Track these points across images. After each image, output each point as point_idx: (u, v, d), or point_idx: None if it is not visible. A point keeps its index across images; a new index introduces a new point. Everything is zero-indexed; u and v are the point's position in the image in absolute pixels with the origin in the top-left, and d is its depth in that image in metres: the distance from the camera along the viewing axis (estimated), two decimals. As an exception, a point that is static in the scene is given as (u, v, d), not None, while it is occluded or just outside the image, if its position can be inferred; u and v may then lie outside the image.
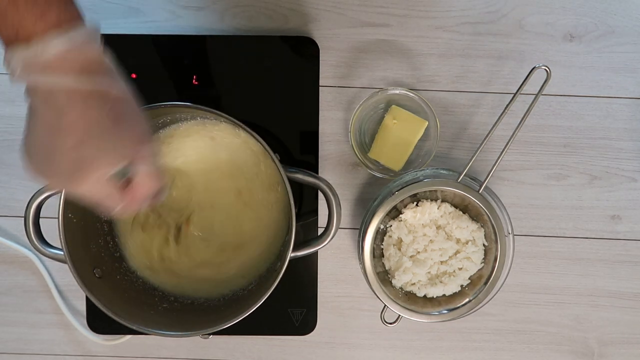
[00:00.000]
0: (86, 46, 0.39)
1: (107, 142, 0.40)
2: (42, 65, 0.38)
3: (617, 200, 0.70)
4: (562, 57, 0.69)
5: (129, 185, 0.45)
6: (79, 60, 0.38)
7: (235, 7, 0.69)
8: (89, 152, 0.40)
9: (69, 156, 0.40)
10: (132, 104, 0.43)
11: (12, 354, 0.72)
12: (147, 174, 0.45)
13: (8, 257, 0.71)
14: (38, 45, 0.37)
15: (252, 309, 0.56)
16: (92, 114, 0.39)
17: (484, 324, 0.71)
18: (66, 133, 0.39)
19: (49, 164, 0.41)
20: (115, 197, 0.44)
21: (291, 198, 0.56)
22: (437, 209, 0.63)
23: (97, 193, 0.43)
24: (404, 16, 0.69)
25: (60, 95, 0.38)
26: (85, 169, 0.41)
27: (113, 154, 0.41)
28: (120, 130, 0.41)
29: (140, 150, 0.43)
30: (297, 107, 0.68)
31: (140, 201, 0.46)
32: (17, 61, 0.38)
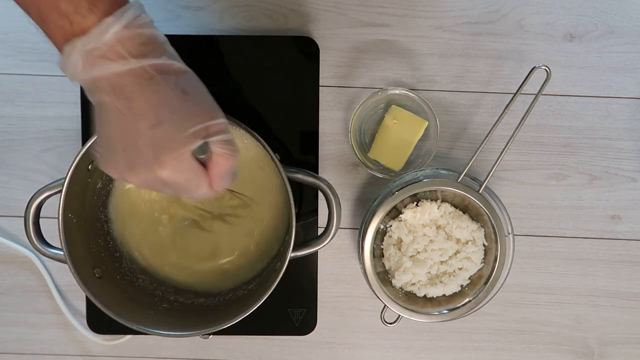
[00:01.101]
0: (140, 25, 0.39)
1: (181, 119, 0.40)
2: (101, 54, 0.38)
3: (617, 200, 0.70)
4: (562, 57, 0.69)
5: (210, 161, 0.43)
6: (135, 43, 0.39)
7: (235, 7, 0.69)
8: (166, 131, 0.39)
9: (148, 139, 0.39)
10: (193, 77, 0.43)
11: (12, 354, 0.72)
12: (226, 146, 0.43)
13: (8, 257, 0.71)
14: (96, 34, 0.37)
15: (252, 309, 0.56)
16: (160, 92, 0.39)
17: (484, 324, 0.71)
18: (140, 117, 0.39)
19: (131, 155, 0.40)
20: (201, 175, 0.43)
21: (291, 198, 0.56)
22: (437, 209, 0.63)
23: (183, 173, 0.41)
24: (404, 16, 0.69)
25: (123, 82, 0.38)
26: (166, 148, 0.40)
27: (189, 129, 0.40)
28: (189, 105, 0.41)
29: (213, 122, 0.42)
30: (297, 107, 0.68)
31: (225, 176, 0.44)
32: (78, 54, 0.38)
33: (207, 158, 0.43)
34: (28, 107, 0.70)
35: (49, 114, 0.70)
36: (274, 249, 0.66)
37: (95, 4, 0.37)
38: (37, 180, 0.70)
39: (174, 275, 0.66)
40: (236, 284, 0.65)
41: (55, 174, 0.70)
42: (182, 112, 0.40)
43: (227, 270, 0.66)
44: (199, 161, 0.43)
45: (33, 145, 0.70)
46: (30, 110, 0.70)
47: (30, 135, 0.70)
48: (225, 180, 0.45)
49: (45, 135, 0.70)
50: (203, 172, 0.43)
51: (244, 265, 0.66)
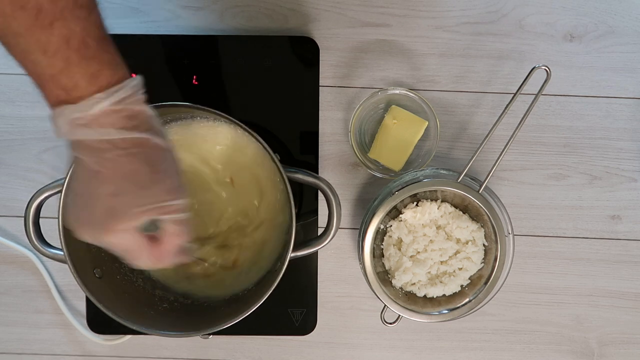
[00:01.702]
0: (130, 100, 0.40)
1: (141, 194, 0.42)
2: (87, 123, 0.39)
3: (617, 200, 0.70)
4: (562, 57, 0.69)
5: (157, 239, 0.45)
6: (123, 114, 0.40)
7: (235, 7, 0.69)
8: (122, 203, 0.41)
9: (104, 205, 0.41)
10: (169, 154, 0.44)
11: (12, 354, 0.72)
12: (175, 229, 0.45)
13: (8, 257, 0.71)
14: (85, 105, 0.39)
15: (252, 309, 0.56)
16: (130, 165, 0.41)
17: (484, 324, 0.71)
18: (104, 183, 0.41)
19: (85, 212, 0.43)
20: (143, 249, 0.45)
21: (291, 198, 0.56)
22: (437, 209, 0.63)
23: (126, 244, 0.44)
24: (404, 16, 0.69)
25: (103, 147, 0.40)
26: (117, 218, 0.42)
27: (146, 204, 0.42)
28: (154, 182, 0.42)
29: (172, 203, 0.43)
30: (297, 107, 0.68)
31: (167, 256, 0.46)
32: (63, 120, 0.39)
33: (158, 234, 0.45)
34: (28, 107, 0.70)
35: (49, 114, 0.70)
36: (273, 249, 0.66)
37: (93, 82, 0.39)
38: (37, 180, 0.70)
39: (173, 275, 0.66)
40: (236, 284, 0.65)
41: (55, 174, 0.70)
42: (144, 189, 0.42)
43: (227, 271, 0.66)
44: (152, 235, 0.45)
45: (33, 145, 0.70)
46: (30, 110, 0.70)
47: (30, 135, 0.70)
48: (172, 257, 0.47)
49: (45, 135, 0.70)
50: (146, 246, 0.45)
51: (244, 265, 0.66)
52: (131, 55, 0.66)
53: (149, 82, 0.67)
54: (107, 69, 0.40)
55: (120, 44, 0.66)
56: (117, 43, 0.69)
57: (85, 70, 0.39)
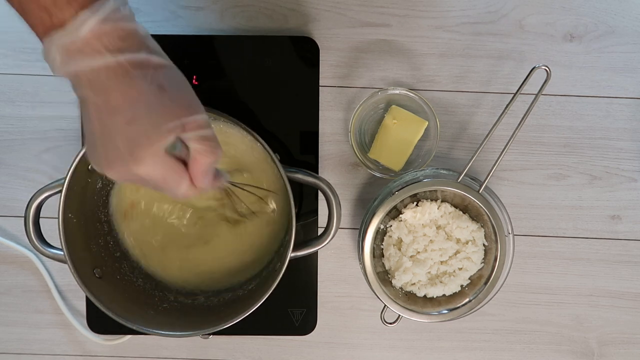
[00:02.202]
0: (118, 18, 0.38)
1: (156, 115, 0.39)
2: (79, 48, 0.37)
3: (617, 200, 0.70)
4: (562, 57, 0.69)
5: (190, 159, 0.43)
6: (114, 36, 0.38)
7: (235, 7, 0.69)
8: (141, 127, 0.39)
9: (122, 136, 0.39)
10: (175, 72, 0.42)
11: (12, 354, 0.72)
12: (202, 142, 0.42)
13: (8, 257, 0.71)
14: (72, 27, 0.37)
15: (252, 309, 0.56)
16: (136, 87, 0.39)
17: (484, 324, 0.71)
18: (115, 112, 0.39)
19: (108, 150, 0.40)
20: (179, 172, 0.42)
21: (291, 198, 0.56)
22: (437, 209, 0.63)
23: (159, 171, 0.41)
24: (404, 16, 0.69)
25: (102, 75, 0.38)
26: (140, 145, 0.39)
27: (163, 125, 0.40)
28: (166, 100, 0.40)
29: (190, 118, 0.41)
30: (297, 107, 0.68)
31: (205, 174, 0.43)
32: (56, 49, 0.38)
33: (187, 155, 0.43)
34: (28, 107, 0.70)
35: (49, 114, 0.70)
36: (274, 249, 0.66)
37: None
38: (37, 180, 0.70)
39: (173, 275, 0.66)
40: (236, 284, 0.65)
41: (55, 174, 0.70)
42: (158, 108, 0.40)
43: (227, 271, 0.66)
44: (179, 158, 0.42)
45: (33, 145, 0.70)
46: (30, 110, 0.70)
47: (30, 135, 0.70)
48: (207, 178, 0.44)
49: (45, 135, 0.70)
50: (181, 169, 0.42)
51: (244, 265, 0.66)
52: (131, 55, 0.67)
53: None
54: None
55: (120, 44, 0.67)
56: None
57: None
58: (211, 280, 0.66)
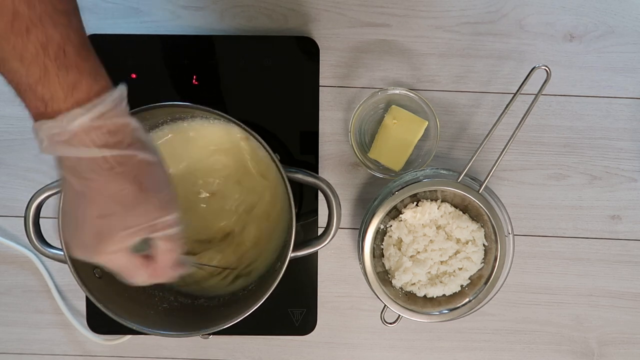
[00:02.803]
0: (112, 117, 0.38)
1: (129, 215, 0.40)
2: (67, 139, 0.38)
3: (617, 200, 0.70)
4: (562, 57, 0.69)
5: (151, 257, 0.44)
6: (103, 130, 0.38)
7: (235, 7, 0.69)
8: (111, 225, 0.40)
9: (93, 227, 0.40)
10: (158, 170, 0.42)
11: (12, 354, 0.72)
12: (168, 241, 0.44)
13: (8, 257, 0.71)
14: (64, 120, 0.37)
15: (252, 309, 0.56)
16: (116, 184, 0.39)
17: (484, 324, 0.71)
18: (91, 204, 0.40)
19: (75, 233, 0.42)
20: (138, 268, 0.44)
21: (291, 198, 0.56)
22: (437, 209, 0.63)
23: (119, 264, 0.43)
24: (404, 16, 0.69)
25: (85, 166, 0.39)
26: (106, 240, 0.41)
27: (134, 225, 0.41)
28: (144, 199, 0.41)
29: (162, 220, 0.42)
30: (297, 107, 0.68)
31: (163, 272, 0.45)
32: (43, 135, 0.38)
33: (152, 251, 0.44)
34: (28, 107, 0.70)
35: (49, 114, 0.70)
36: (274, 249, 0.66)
37: (72, 93, 0.37)
38: (37, 180, 0.70)
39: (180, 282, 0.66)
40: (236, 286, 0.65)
41: (55, 174, 0.70)
42: (132, 208, 0.40)
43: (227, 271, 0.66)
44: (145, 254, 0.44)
45: (33, 145, 0.69)
46: (30, 110, 0.70)
47: (30, 135, 0.68)
48: (169, 272, 0.46)
49: (45, 135, 0.70)
50: (140, 265, 0.44)
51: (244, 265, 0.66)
52: (131, 55, 0.67)
53: (149, 82, 0.67)
54: (87, 79, 0.38)
55: (121, 44, 0.67)
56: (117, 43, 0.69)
57: (64, 79, 0.37)
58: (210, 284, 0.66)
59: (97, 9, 0.69)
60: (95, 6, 0.69)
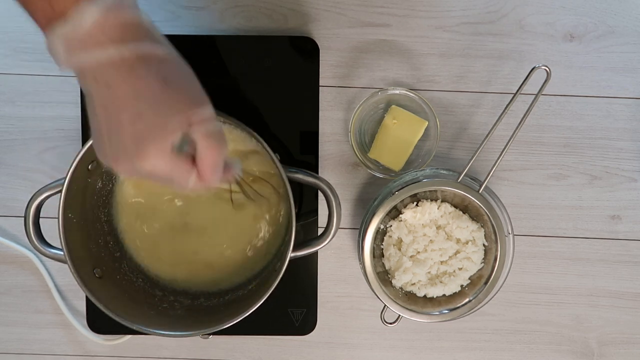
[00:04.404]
0: (121, 9, 0.38)
1: (161, 110, 0.39)
2: (83, 39, 0.37)
3: (617, 200, 0.70)
4: (562, 57, 0.69)
5: (197, 154, 0.42)
6: (117, 26, 0.37)
7: (235, 7, 0.69)
8: (147, 124, 0.39)
9: (127, 133, 0.39)
10: (180, 64, 0.41)
11: (12, 354, 0.72)
12: (209, 137, 0.41)
13: (8, 257, 0.71)
14: (74, 18, 0.36)
15: (252, 309, 0.56)
16: (141, 82, 0.38)
17: (484, 324, 0.71)
18: (120, 108, 0.38)
19: (115, 146, 0.40)
20: (186, 167, 0.41)
21: (291, 198, 0.56)
22: (437, 209, 0.63)
23: (166, 167, 0.40)
24: (404, 16, 0.69)
25: (106, 70, 0.38)
26: (145, 142, 0.39)
27: (170, 121, 0.39)
28: (172, 94, 0.39)
29: (197, 113, 0.40)
30: (297, 107, 0.68)
31: (211, 169, 0.42)
32: (58, 41, 0.37)
33: (194, 149, 0.42)
34: (28, 107, 0.70)
35: (49, 114, 0.70)
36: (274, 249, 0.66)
37: None
38: (37, 180, 0.70)
39: (173, 276, 0.66)
40: (236, 284, 0.65)
41: (55, 174, 0.70)
42: (162, 103, 0.39)
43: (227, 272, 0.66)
44: (188, 153, 0.42)
45: (33, 145, 0.70)
46: (30, 110, 0.70)
47: (30, 135, 0.70)
48: (215, 173, 0.43)
49: (45, 135, 0.70)
50: (188, 165, 0.42)
51: (244, 266, 0.66)
52: (131, 55, 0.67)
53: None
54: None
55: (120, 44, 0.67)
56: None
57: None
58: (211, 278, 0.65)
59: (97, 9, 0.69)
60: (95, 6, 0.69)
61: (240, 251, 0.66)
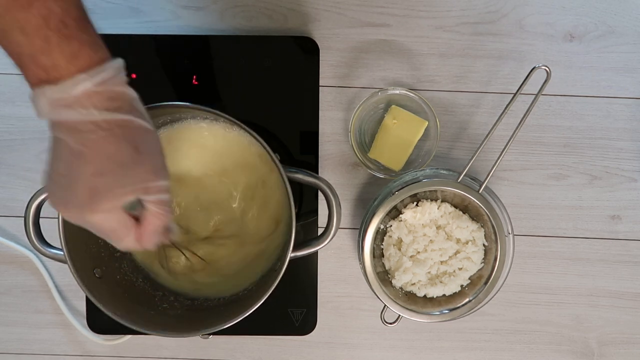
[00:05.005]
0: (113, 81, 0.40)
1: (125, 172, 0.41)
2: (69, 104, 0.39)
3: (617, 200, 0.70)
4: (562, 57, 0.69)
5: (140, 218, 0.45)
6: (105, 96, 0.40)
7: (235, 7, 0.69)
8: (106, 182, 0.41)
9: (87, 184, 0.41)
10: (152, 135, 0.44)
11: (12, 354, 0.72)
12: (159, 207, 0.45)
13: (8, 257, 0.71)
14: (67, 86, 0.39)
15: (252, 309, 0.56)
16: (114, 145, 0.41)
17: (484, 324, 0.71)
18: (87, 161, 0.41)
19: (68, 192, 0.42)
20: (128, 228, 0.44)
21: (291, 198, 0.56)
22: (437, 209, 0.63)
23: (110, 223, 0.43)
24: (404, 16, 0.69)
25: (83, 129, 0.40)
26: (101, 197, 0.41)
27: (129, 184, 0.42)
28: (138, 161, 0.42)
29: (155, 183, 0.43)
30: (297, 107, 0.68)
31: (153, 233, 0.46)
32: (45, 100, 0.40)
33: (140, 215, 0.45)
34: (28, 107, 0.69)
35: (49, 114, 0.70)
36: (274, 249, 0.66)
37: (73, 62, 0.39)
38: (37, 180, 0.70)
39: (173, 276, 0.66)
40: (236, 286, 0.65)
41: (55, 174, 0.70)
42: (127, 169, 0.42)
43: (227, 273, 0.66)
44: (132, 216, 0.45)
45: (33, 145, 0.70)
46: (30, 110, 0.68)
47: (30, 135, 0.70)
48: (154, 237, 0.46)
49: (45, 135, 0.69)
50: (131, 226, 0.44)
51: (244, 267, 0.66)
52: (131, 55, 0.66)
53: (149, 82, 0.67)
54: (87, 49, 0.39)
55: (121, 44, 0.67)
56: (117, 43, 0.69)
57: (65, 49, 0.38)
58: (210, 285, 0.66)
59: (97, 9, 0.69)
60: (95, 6, 0.69)
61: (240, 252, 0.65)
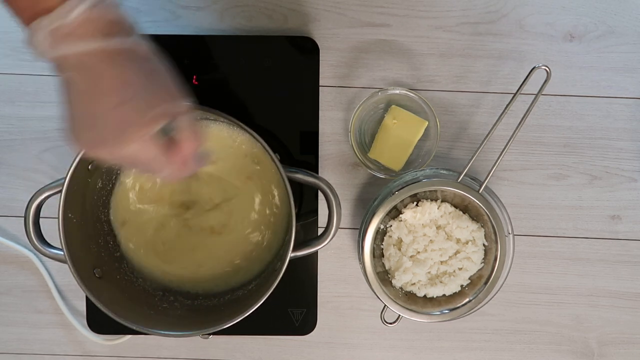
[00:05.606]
0: (106, 7, 0.39)
1: (145, 99, 0.40)
2: (68, 32, 0.37)
3: (617, 200, 0.70)
4: (562, 57, 0.69)
5: (174, 144, 0.44)
6: (102, 23, 0.38)
7: (235, 7, 0.69)
8: (130, 111, 0.39)
9: (112, 118, 0.39)
10: (159, 61, 0.42)
11: (12, 354, 0.72)
12: (189, 129, 0.43)
13: (8, 257, 0.71)
14: (61, 13, 0.37)
15: (252, 309, 0.56)
16: (126, 73, 0.39)
17: (484, 324, 0.71)
18: (104, 95, 0.39)
19: (94, 131, 0.40)
20: (163, 156, 0.43)
21: (291, 198, 0.56)
22: (437, 209, 0.63)
23: (145, 154, 0.42)
24: (404, 16, 0.69)
25: (91, 60, 0.38)
26: (129, 129, 0.40)
27: (153, 111, 0.40)
28: (154, 86, 0.41)
29: (178, 106, 0.42)
30: (297, 107, 0.68)
31: (187, 159, 0.44)
32: (42, 33, 0.37)
33: (173, 140, 0.43)
34: (28, 107, 0.70)
35: (49, 114, 0.70)
36: (274, 249, 0.66)
37: None
38: (37, 180, 0.70)
39: (173, 276, 0.66)
40: (236, 285, 0.65)
41: (55, 174, 0.70)
42: (146, 93, 0.40)
43: (227, 272, 0.66)
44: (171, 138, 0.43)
45: (33, 145, 0.70)
46: (30, 110, 0.70)
47: (30, 135, 0.70)
48: (191, 162, 0.45)
49: (45, 135, 0.70)
50: (166, 153, 0.43)
51: (244, 266, 0.66)
52: (131, 55, 0.67)
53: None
54: None
55: (120, 44, 0.67)
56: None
57: None
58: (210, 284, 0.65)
59: (97, 9, 0.69)
60: (95, 6, 0.69)
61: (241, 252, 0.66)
